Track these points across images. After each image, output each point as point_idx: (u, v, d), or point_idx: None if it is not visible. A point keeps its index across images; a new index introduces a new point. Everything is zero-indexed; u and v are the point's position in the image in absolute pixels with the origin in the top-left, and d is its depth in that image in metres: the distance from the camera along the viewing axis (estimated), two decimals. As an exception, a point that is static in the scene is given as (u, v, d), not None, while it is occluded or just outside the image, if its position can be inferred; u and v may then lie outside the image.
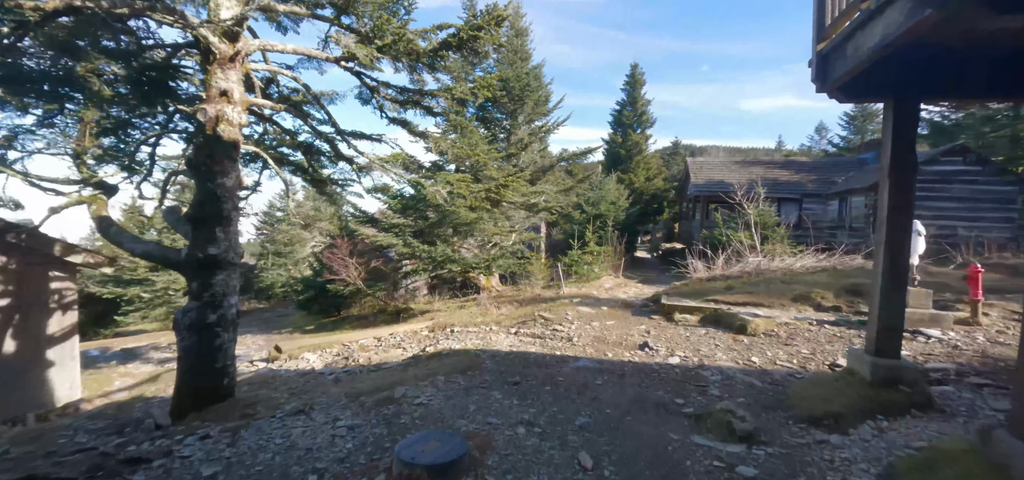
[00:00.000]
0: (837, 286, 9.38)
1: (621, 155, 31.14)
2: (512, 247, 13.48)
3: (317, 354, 10.16)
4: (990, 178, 15.14)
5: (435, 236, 13.27)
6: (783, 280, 10.16)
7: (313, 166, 7.77)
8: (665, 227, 38.75)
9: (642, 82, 32.65)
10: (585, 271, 14.27)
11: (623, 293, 12.70)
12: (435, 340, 9.05)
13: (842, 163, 22.72)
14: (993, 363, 5.42)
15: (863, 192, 16.58)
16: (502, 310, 11.67)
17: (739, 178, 21.49)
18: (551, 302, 11.43)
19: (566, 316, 9.42)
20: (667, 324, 8.46)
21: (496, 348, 7.07)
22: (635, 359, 6.26)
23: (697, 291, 10.46)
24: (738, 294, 9.61)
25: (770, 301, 8.99)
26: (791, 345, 6.54)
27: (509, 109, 14.22)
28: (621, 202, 22.98)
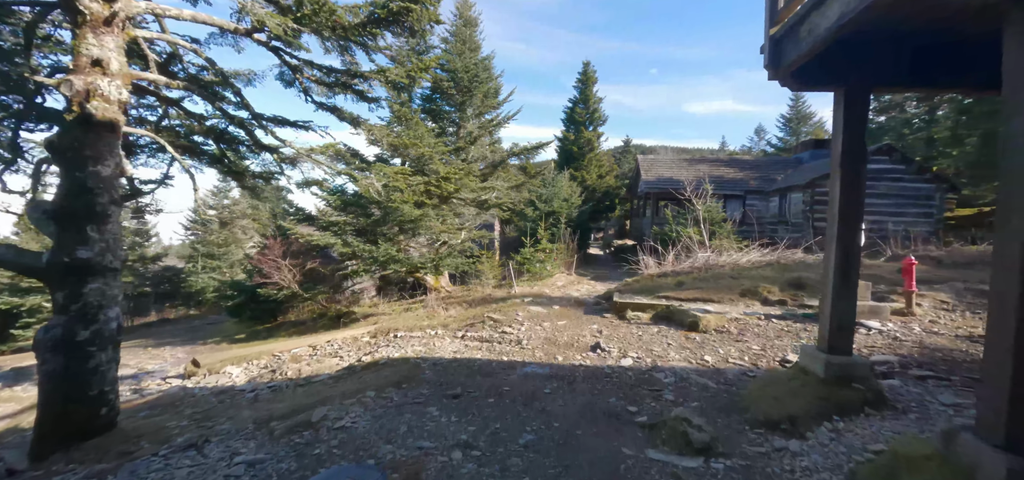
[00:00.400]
0: (782, 280, 9.55)
1: (574, 152, 31.26)
2: (461, 245, 12.92)
3: (242, 367, 9.18)
4: (913, 176, 16.26)
5: (379, 234, 12.48)
6: (731, 275, 10.26)
7: (228, 156, 6.88)
8: (617, 224, 39.46)
9: (594, 80, 32.94)
10: (537, 269, 13.97)
11: (576, 291, 12.48)
12: (375, 347, 8.37)
13: (781, 162, 23.87)
14: (931, 354, 5.51)
15: (801, 189, 17.37)
16: (450, 312, 11.11)
17: (687, 175, 22.03)
18: (502, 302, 11.00)
19: (516, 317, 9.01)
20: (619, 323, 8.24)
21: (439, 355, 6.53)
22: (587, 362, 5.93)
23: (649, 288, 10.37)
24: (689, 290, 9.58)
25: (719, 296, 9.00)
26: (742, 341, 6.45)
27: (457, 101, 13.63)
28: (574, 199, 22.95)
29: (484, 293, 12.55)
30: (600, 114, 32.73)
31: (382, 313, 12.50)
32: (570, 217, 21.72)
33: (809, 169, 19.39)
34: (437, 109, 14.49)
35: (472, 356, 6.38)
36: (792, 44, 4.02)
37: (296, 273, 11.96)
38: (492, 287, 13.43)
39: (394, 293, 15.67)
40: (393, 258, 10.65)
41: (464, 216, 14.14)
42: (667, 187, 21.17)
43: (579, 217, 23.06)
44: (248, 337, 14.28)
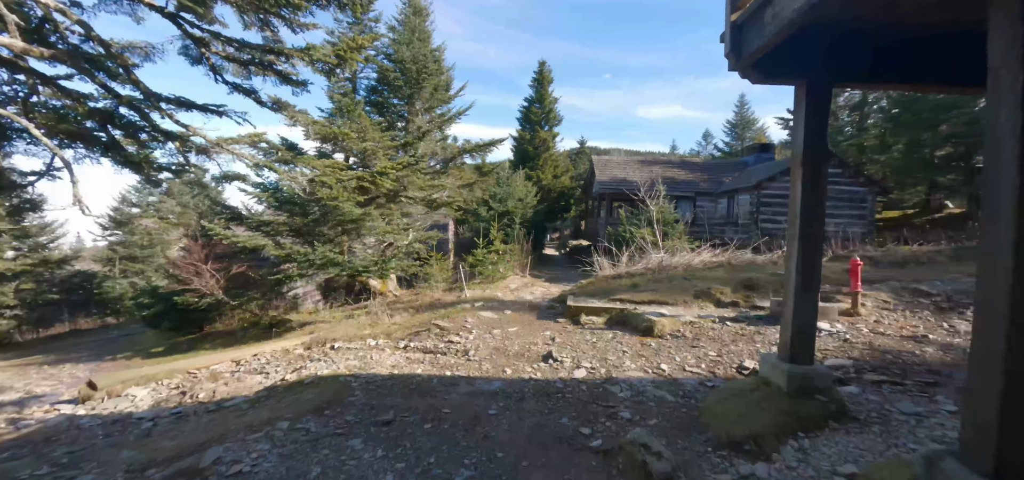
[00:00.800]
0: (733, 281, 9.56)
1: (529, 152, 31.05)
2: (409, 247, 12.20)
3: (148, 389, 8.03)
4: (848, 180, 17.13)
5: (318, 235, 11.53)
6: (685, 276, 10.19)
7: (122, 144, 5.87)
8: (572, 225, 39.70)
9: (549, 80, 32.90)
10: (490, 271, 13.46)
11: (529, 294, 12.07)
12: (306, 361, 7.54)
13: (729, 165, 24.70)
14: (882, 356, 5.47)
15: (748, 191, 17.90)
16: (395, 319, 10.37)
17: (641, 177, 22.26)
18: (451, 307, 10.39)
19: (465, 323, 8.44)
20: (573, 328, 7.87)
21: (374, 371, 5.86)
22: (538, 375, 5.46)
23: (603, 290, 10.12)
24: (643, 292, 9.38)
25: (674, 298, 8.85)
26: (698, 347, 6.22)
27: (405, 93, 12.88)
28: (529, 199, 22.65)
29: (433, 297, 11.88)
30: (555, 114, 32.72)
31: (321, 321, 11.54)
32: (525, 217, 21.39)
33: (755, 172, 20.07)
34: (384, 102, 13.64)
35: (412, 371, 5.76)
36: (755, 30, 3.72)
37: (220, 278, 10.78)
38: (442, 291, 12.77)
39: (339, 298, 14.67)
40: (332, 261, 9.78)
41: (413, 216, 13.39)
42: (621, 188, 21.31)
43: (534, 217, 22.79)
44: (167, 350, 12.83)
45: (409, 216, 13.49)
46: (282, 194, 10.58)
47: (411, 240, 11.55)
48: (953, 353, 5.58)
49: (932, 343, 5.98)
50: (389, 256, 10.27)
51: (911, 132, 19.92)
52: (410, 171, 11.13)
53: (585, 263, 15.09)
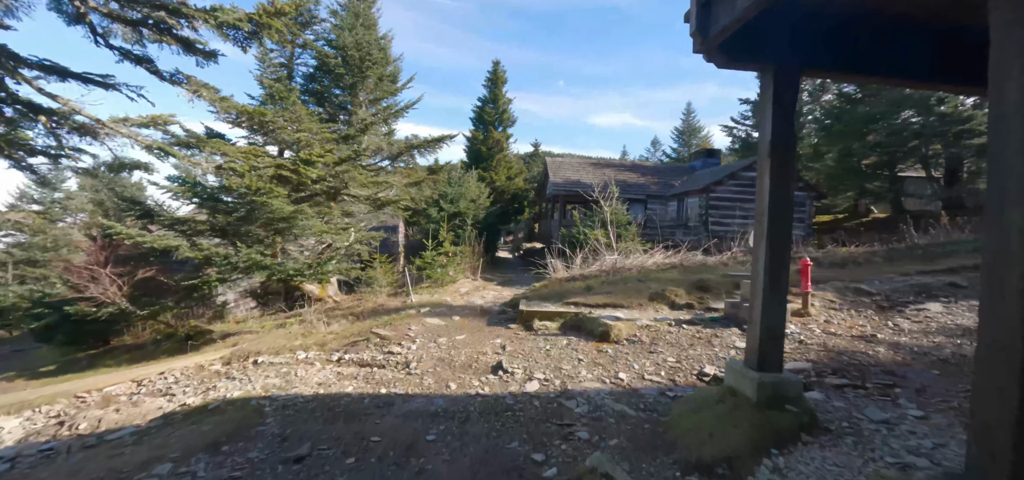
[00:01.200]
0: (686, 282, 9.46)
1: (482, 153, 30.48)
2: (350, 248, 11.28)
3: (22, 418, 6.73)
4: (788, 184, 17.86)
5: (244, 235, 10.39)
6: (638, 278, 10.00)
7: (-28, 118, 4.75)
8: (526, 227, 39.50)
9: (503, 80, 32.52)
10: (439, 274, 12.76)
11: (480, 298, 11.50)
12: (221, 380, 6.57)
13: (678, 169, 25.33)
14: (838, 358, 5.37)
15: (697, 193, 18.28)
16: (332, 327, 9.48)
17: (594, 179, 22.30)
18: (395, 314, 9.63)
19: (409, 331, 7.75)
20: (526, 334, 7.38)
21: (296, 391, 5.08)
22: (486, 390, 4.91)
23: (557, 293, 9.73)
24: (597, 295, 9.07)
25: (628, 301, 8.58)
26: (656, 352, 5.90)
27: (347, 83, 11.95)
28: (482, 200, 22.09)
29: (377, 303, 11.03)
30: (509, 115, 32.37)
31: (248, 331, 10.39)
32: (477, 219, 20.81)
33: (703, 176, 20.60)
34: (324, 91, 12.62)
35: (341, 389, 5.03)
36: (725, 8, 3.38)
37: (123, 284, 9.40)
38: (387, 296, 11.93)
39: (276, 305, 13.43)
40: (258, 264, 8.75)
41: (356, 215, 12.46)
42: (575, 189, 21.22)
43: (487, 219, 22.24)
44: (60, 369, 11.14)
45: (352, 216, 12.54)
46: (202, 188, 9.39)
47: (352, 241, 10.65)
48: (902, 352, 5.57)
49: (881, 342, 5.98)
50: (325, 259, 9.34)
51: (843, 141, 21.18)
52: (351, 166, 10.26)
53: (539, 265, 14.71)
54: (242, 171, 7.72)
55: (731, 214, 17.55)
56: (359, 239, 10.63)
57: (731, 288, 9.32)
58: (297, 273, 9.13)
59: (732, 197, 17.62)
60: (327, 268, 9.41)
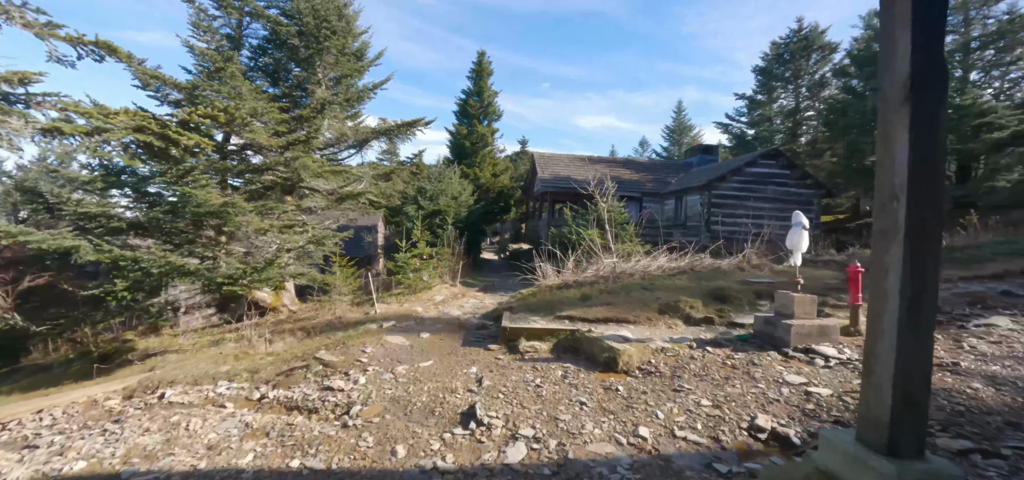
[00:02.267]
0: (701, 292, 8.07)
1: (466, 148, 28.93)
2: (305, 248, 9.66)
3: None
4: (796, 181, 16.70)
5: (174, 233, 8.71)
6: (644, 286, 8.57)
7: None
8: (512, 227, 38.01)
9: (489, 71, 31.03)
10: (411, 280, 11.19)
11: (457, 308, 9.96)
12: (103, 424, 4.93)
13: (673, 166, 24.11)
14: (932, 399, 3.96)
15: (698, 190, 17.00)
16: (275, 347, 7.86)
17: (585, 174, 20.92)
18: (354, 328, 8.05)
19: (362, 355, 6.19)
20: (509, 359, 5.88)
21: (172, 461, 3.50)
22: (449, 459, 3.39)
23: (548, 303, 8.25)
24: (597, 306, 7.62)
25: (635, 315, 7.14)
26: (682, 390, 4.45)
27: (303, 55, 10.31)
28: (464, 198, 20.54)
29: (335, 315, 9.42)
30: (495, 108, 30.88)
31: (174, 350, 8.70)
32: (459, 217, 19.25)
33: (704, 171, 19.36)
34: (279, 67, 10.95)
35: (233, 464, 3.45)
36: None
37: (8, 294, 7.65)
38: (348, 305, 10.31)
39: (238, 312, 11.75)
40: (178, 268, 7.09)
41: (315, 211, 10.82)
42: (565, 186, 19.81)
43: (469, 218, 20.69)
44: (-54, 394, 9.29)
45: (311, 211, 10.89)
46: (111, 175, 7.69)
47: (305, 241, 9.02)
48: (1007, 390, 4.21)
49: (971, 374, 4.62)
50: (264, 263, 7.69)
51: (848, 136, 20.16)
52: (303, 152, 8.65)
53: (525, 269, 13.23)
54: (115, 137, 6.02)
55: (734, 213, 16.30)
56: (316, 238, 9.00)
57: (752, 298, 7.95)
58: (228, 280, 7.48)
59: (736, 194, 16.37)
60: (268, 274, 7.78)
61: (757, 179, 16.51)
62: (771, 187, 16.50)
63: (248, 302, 11.45)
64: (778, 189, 16.51)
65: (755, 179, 16.52)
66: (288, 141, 8.34)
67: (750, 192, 16.45)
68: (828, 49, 27.70)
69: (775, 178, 16.57)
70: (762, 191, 16.51)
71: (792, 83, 29.22)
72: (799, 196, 16.64)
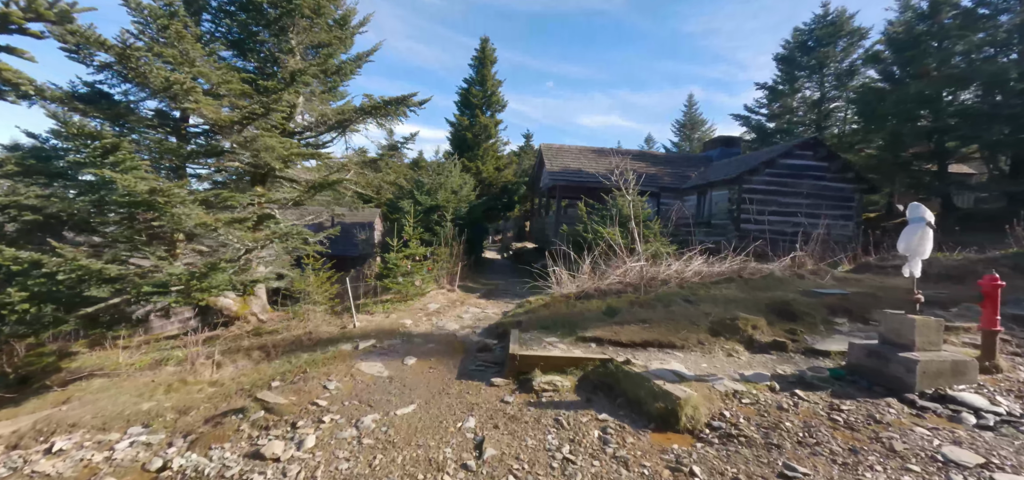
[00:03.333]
0: (759, 306, 6.49)
1: (467, 140, 27.34)
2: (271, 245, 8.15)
3: None
4: (834, 175, 15.07)
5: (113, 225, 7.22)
6: (685, 297, 6.99)
7: None
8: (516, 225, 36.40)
9: (493, 59, 29.41)
10: (402, 284, 9.64)
11: (454, 319, 8.41)
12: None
13: (692, 159, 22.48)
14: None
15: (726, 185, 15.39)
16: (222, 373, 6.34)
17: (598, 168, 19.36)
18: (322, 349, 6.51)
19: (323, 393, 4.67)
20: (521, 403, 4.33)
21: None
22: None
23: (565, 318, 6.69)
24: (630, 324, 6.06)
25: (681, 337, 5.58)
26: (794, 476, 2.88)
27: (271, 17, 8.75)
28: (465, 192, 19.00)
29: (306, 329, 7.89)
30: (499, 98, 29.27)
31: (108, 371, 7.18)
32: (459, 213, 17.71)
33: (731, 164, 17.75)
34: (246, 34, 9.39)
35: None
36: None
37: None
38: (325, 315, 8.78)
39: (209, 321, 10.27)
40: (96, 274, 5.58)
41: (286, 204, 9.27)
42: (575, 179, 18.25)
43: (471, 214, 19.15)
44: None
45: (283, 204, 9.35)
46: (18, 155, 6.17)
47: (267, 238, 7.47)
48: None
49: None
50: (206, 268, 6.12)
51: (887, 126, 18.51)
52: (263, 130, 7.11)
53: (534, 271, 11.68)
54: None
55: (766, 210, 14.69)
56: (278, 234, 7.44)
57: (826, 314, 6.37)
58: (160, 289, 5.96)
59: (768, 189, 14.76)
60: (214, 281, 6.25)
61: (791, 172, 14.89)
62: (806, 181, 14.89)
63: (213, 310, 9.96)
64: (814, 183, 14.89)
65: (789, 172, 14.90)
66: (244, 115, 6.81)
67: (783, 187, 14.84)
68: (857, 35, 25.98)
69: (811, 171, 14.95)
70: (796, 186, 14.89)
71: (817, 72, 27.50)
72: (838, 192, 15.01)
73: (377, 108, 9.20)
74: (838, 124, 26.77)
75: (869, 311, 6.48)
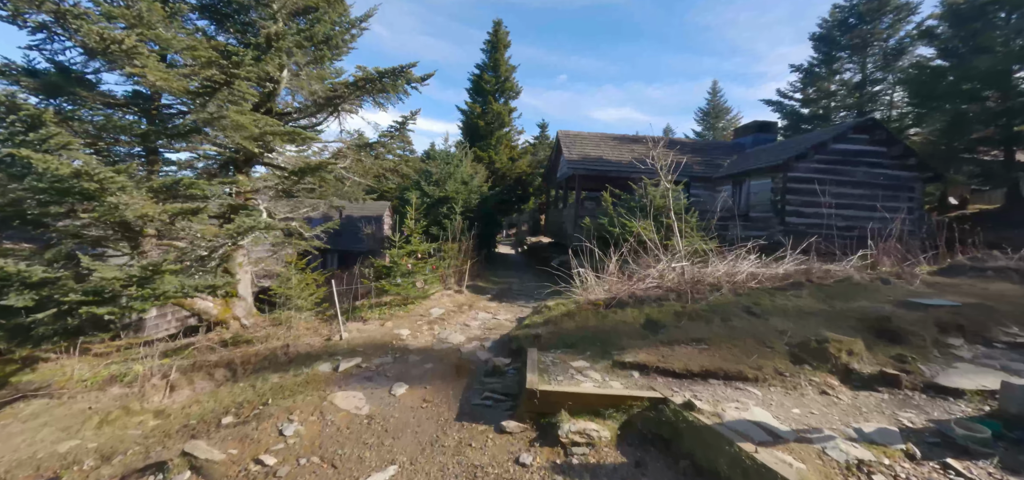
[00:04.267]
0: (846, 320, 5.15)
1: (480, 128, 26.07)
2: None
3: None
4: (893, 162, 13.43)
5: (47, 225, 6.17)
6: (745, 306, 5.67)
7: None
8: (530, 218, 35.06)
9: (506, 43, 28.01)
10: (400, 287, 8.48)
11: (460, 329, 7.21)
12: None
13: (724, 147, 20.87)
14: None
15: (768, 173, 13.87)
16: (178, 396, 5.29)
17: (620, 155, 18.01)
18: (296, 369, 5.37)
19: (273, 446, 3.53)
20: (541, 464, 3.13)
21: None
22: None
23: (596, 333, 5.44)
24: (678, 342, 4.79)
25: (753, 365, 4.28)
26: None
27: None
28: (477, 182, 17.78)
29: (283, 342, 6.76)
30: (513, 84, 27.90)
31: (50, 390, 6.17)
32: (470, 205, 16.52)
33: (772, 150, 16.21)
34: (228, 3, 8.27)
35: None
36: None
37: None
38: (312, 321, 7.66)
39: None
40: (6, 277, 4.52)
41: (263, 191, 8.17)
42: (596, 168, 16.88)
43: (483, 206, 17.96)
44: None
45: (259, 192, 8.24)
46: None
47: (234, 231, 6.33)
48: None
49: None
50: (144, 273, 5.01)
51: (948, 105, 16.72)
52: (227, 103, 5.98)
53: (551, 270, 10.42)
54: None
55: (815, 202, 13.17)
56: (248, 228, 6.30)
57: (935, 333, 4.99)
58: (95, 298, 4.88)
59: (816, 178, 13.21)
60: (161, 287, 5.15)
61: (844, 158, 13.31)
62: (861, 168, 13.30)
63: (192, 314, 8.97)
64: (870, 171, 13.29)
65: (841, 158, 13.32)
66: (203, 84, 5.68)
67: (833, 175, 13.27)
68: (905, 10, 23.90)
69: (866, 157, 13.34)
70: (848, 174, 13.31)
71: (859, 52, 25.50)
72: (896, 180, 13.38)
73: (371, 81, 7.99)
74: (883, 108, 24.80)
75: (989, 329, 5.08)
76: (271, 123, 6.52)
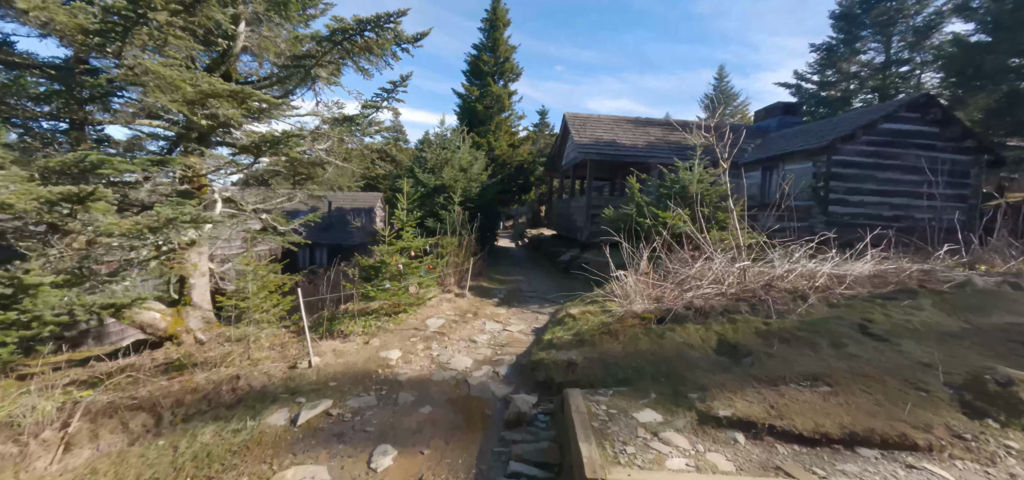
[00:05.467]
0: (1000, 344, 3.76)
1: (478, 112, 24.50)
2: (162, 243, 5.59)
3: None
4: (948, 143, 12.06)
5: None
6: (856, 323, 4.25)
7: None
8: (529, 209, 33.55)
9: (506, 22, 26.38)
10: (390, 292, 7.04)
11: (465, 347, 5.78)
12: None
13: (748, 130, 19.46)
14: None
15: (808, 157, 12.47)
16: (76, 458, 3.83)
17: (635, 139, 16.57)
18: (244, 417, 3.92)
19: None
20: None
21: None
22: None
23: (654, 359, 4.03)
24: (783, 381, 3.40)
25: (912, 421, 2.87)
26: None
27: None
28: (476, 170, 16.28)
29: (239, 367, 5.30)
30: (513, 65, 26.30)
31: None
32: (469, 195, 15.06)
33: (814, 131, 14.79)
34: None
35: None
36: None
37: None
38: (277, 338, 6.20)
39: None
40: None
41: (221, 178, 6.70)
42: (610, 153, 15.42)
43: (483, 196, 16.49)
44: None
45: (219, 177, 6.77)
46: None
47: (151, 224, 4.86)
48: None
49: None
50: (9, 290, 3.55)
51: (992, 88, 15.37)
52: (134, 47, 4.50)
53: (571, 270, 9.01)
54: None
55: (859, 189, 11.82)
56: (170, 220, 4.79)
57: None
58: None
59: (862, 162, 11.85)
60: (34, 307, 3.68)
61: (893, 139, 11.94)
62: (912, 151, 11.94)
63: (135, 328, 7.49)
64: (922, 154, 11.93)
65: (890, 140, 11.94)
66: (104, 25, 4.19)
67: (882, 159, 11.91)
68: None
69: (918, 138, 11.97)
70: (898, 157, 11.95)
71: (884, 30, 24.08)
72: (951, 165, 12.03)
73: (348, 34, 6.48)
74: (910, 91, 23.41)
75: None
76: (212, 82, 5.01)
